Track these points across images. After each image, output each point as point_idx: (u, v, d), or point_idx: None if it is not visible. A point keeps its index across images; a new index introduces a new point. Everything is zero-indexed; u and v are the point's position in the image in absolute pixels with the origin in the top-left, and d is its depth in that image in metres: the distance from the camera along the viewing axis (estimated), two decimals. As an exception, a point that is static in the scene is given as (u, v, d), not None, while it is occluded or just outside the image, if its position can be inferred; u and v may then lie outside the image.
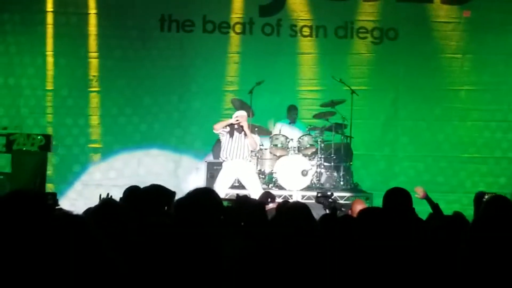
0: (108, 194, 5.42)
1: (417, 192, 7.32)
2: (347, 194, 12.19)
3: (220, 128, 11.35)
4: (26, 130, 12.73)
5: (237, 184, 11.83)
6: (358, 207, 7.11)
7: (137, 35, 13.76)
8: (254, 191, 10.89)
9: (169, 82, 13.74)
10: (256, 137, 11.63)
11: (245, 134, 11.26)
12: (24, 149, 12.07)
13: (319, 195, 10.02)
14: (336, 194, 11.37)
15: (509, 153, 14.01)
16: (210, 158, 13.19)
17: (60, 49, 13.59)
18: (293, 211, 4.89)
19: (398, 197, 5.68)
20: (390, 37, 13.98)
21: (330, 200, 10.47)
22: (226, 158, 11.40)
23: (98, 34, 13.63)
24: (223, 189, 11.13)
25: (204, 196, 4.08)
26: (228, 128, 11.37)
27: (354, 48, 13.94)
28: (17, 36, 13.60)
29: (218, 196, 4.22)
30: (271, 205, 8.96)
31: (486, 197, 6.36)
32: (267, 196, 9.31)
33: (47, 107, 13.52)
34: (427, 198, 7.27)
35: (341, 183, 12.54)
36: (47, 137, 12.33)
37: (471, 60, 13.98)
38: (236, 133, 11.32)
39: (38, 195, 3.14)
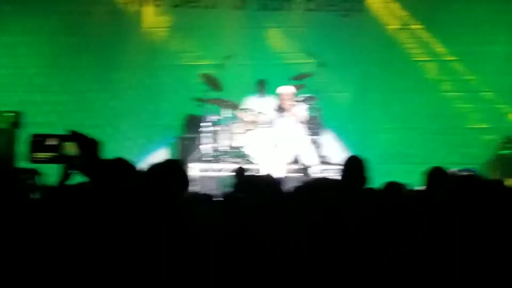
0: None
1: None
2: (319, 167, 12.21)
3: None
4: (-5, 109, 12.66)
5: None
6: None
7: (101, 10, 13.76)
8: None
9: (136, 57, 13.73)
10: (299, 108, 11.81)
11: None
12: (-6, 126, 12.02)
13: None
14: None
15: (481, 123, 14.05)
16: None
17: (27, 27, 13.61)
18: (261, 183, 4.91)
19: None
20: (358, 9, 14.04)
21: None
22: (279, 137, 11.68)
23: (62, 10, 13.63)
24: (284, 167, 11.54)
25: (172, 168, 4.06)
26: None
27: (323, 21, 13.95)
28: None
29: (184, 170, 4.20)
30: None
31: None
32: (241, 171, 9.36)
33: (16, 85, 13.52)
34: None
35: (313, 156, 12.54)
36: (18, 114, 12.27)
37: (438, 31, 14.00)
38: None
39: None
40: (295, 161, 11.88)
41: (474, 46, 13.86)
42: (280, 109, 11.68)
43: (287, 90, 11.74)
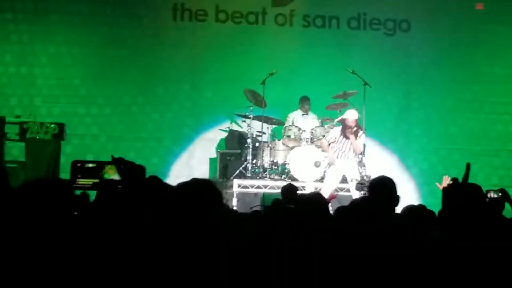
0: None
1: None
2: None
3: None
4: (39, 119, 12.61)
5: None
6: None
7: (149, 24, 13.79)
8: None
9: (181, 71, 13.72)
10: (360, 141, 11.49)
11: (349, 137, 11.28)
12: (37, 137, 12.01)
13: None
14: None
15: (522, 146, 14.03)
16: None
17: (73, 38, 13.59)
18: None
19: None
20: (403, 29, 14.06)
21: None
22: (336, 157, 11.39)
23: (111, 23, 13.64)
24: (332, 185, 11.37)
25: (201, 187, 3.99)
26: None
27: (367, 39, 13.97)
28: (30, 25, 13.53)
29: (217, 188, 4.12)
30: None
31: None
32: (290, 188, 9.24)
33: (60, 96, 13.50)
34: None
35: (355, 174, 12.48)
36: (61, 126, 12.24)
37: (483, 52, 14.02)
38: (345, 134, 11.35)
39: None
40: (343, 181, 11.75)
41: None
42: (344, 135, 11.38)
43: (353, 115, 11.29)
